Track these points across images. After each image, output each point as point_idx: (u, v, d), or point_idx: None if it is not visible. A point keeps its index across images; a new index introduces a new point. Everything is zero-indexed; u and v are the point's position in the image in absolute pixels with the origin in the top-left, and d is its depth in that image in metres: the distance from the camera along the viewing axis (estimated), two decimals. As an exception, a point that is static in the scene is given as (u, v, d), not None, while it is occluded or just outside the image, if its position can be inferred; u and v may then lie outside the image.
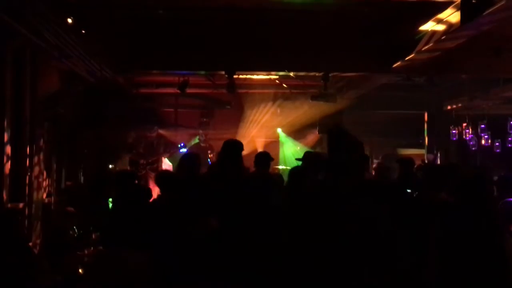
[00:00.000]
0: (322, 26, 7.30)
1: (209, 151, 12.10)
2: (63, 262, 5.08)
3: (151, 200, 5.78)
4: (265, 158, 6.65)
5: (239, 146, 5.59)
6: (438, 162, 11.83)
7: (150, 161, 10.91)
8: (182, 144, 13.24)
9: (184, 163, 6.25)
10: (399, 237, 3.04)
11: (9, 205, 5.75)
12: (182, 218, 4.22)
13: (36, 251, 4.98)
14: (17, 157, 6.27)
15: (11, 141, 6.00)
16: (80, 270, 4.97)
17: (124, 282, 4.40)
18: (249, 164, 6.26)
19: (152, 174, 10.10)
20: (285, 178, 5.58)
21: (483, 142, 12.04)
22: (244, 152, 5.20)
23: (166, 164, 11.40)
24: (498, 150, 12.08)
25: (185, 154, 6.80)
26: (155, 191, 5.89)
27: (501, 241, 3.69)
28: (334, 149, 3.22)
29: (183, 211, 4.24)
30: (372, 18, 7.11)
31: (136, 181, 5.72)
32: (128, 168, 10.54)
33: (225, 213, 4.91)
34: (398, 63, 8.24)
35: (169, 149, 12.53)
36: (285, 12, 7.12)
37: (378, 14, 7.06)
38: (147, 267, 4.35)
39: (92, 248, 5.70)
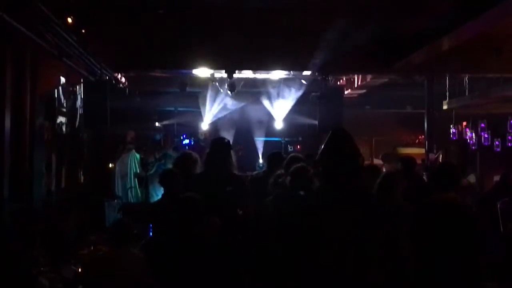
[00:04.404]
0: (322, 25, 7.30)
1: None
2: (63, 262, 5.09)
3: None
4: (272, 158, 6.65)
5: (226, 144, 5.60)
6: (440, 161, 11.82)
7: (157, 157, 10.90)
8: (184, 136, 13.25)
9: (179, 163, 6.29)
10: (402, 238, 3.03)
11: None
12: (186, 216, 4.21)
13: (36, 250, 4.98)
14: (17, 157, 6.27)
15: (11, 140, 6.00)
16: (79, 270, 4.96)
17: (123, 281, 4.40)
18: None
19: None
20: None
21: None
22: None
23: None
24: (498, 149, 12.10)
25: (180, 154, 6.83)
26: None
27: None
28: (334, 151, 3.19)
29: (187, 210, 4.24)
30: (372, 17, 7.11)
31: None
32: (139, 169, 10.53)
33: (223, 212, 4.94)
34: (398, 63, 8.25)
35: (173, 142, 12.54)
36: (285, 12, 7.12)
37: (378, 13, 7.06)
38: (147, 266, 4.36)
39: (92, 248, 5.70)
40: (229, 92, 10.19)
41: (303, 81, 10.91)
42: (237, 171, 6.08)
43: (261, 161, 13.21)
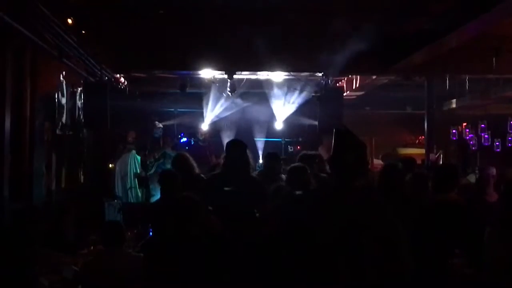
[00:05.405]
0: (322, 26, 7.31)
1: (208, 151, 12.09)
2: (63, 262, 5.08)
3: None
4: (268, 158, 6.66)
5: (242, 145, 5.60)
6: (441, 162, 11.81)
7: (156, 157, 10.91)
8: (181, 134, 13.26)
9: (176, 164, 6.31)
10: (404, 239, 3.03)
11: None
12: (183, 216, 4.22)
13: (36, 250, 4.98)
14: (17, 157, 6.28)
15: (11, 140, 6.00)
16: (79, 270, 4.96)
17: (119, 281, 4.41)
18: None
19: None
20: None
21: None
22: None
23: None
24: (498, 150, 12.09)
25: (176, 156, 6.85)
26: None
27: None
28: (340, 149, 3.19)
29: (184, 210, 4.24)
30: (372, 18, 7.11)
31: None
32: (140, 169, 10.53)
33: (227, 213, 4.94)
34: (398, 63, 8.25)
35: (171, 141, 12.54)
36: (286, 12, 7.13)
37: (378, 14, 7.07)
38: (146, 266, 4.36)
39: (92, 248, 5.69)
40: (229, 93, 10.20)
41: (303, 82, 10.91)
42: (254, 171, 6.10)
43: (261, 161, 13.21)
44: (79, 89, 8.60)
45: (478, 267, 4.16)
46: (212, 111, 12.91)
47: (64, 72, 7.78)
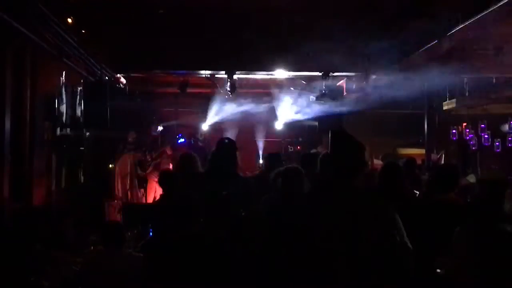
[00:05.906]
0: (322, 26, 7.31)
1: (207, 151, 12.10)
2: (63, 262, 5.09)
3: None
4: (269, 159, 6.66)
5: (231, 144, 5.60)
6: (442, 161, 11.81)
7: (154, 156, 10.93)
8: (180, 135, 13.28)
9: (182, 163, 6.30)
10: (404, 238, 3.02)
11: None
12: (183, 216, 4.22)
13: (36, 250, 4.99)
14: (17, 157, 6.28)
15: (12, 140, 6.00)
16: (79, 270, 4.97)
17: (118, 281, 4.41)
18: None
19: (156, 173, 10.00)
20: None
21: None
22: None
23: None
24: (498, 150, 12.08)
25: (182, 154, 6.84)
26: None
27: None
28: (337, 150, 3.19)
29: (184, 210, 4.25)
30: (372, 18, 7.12)
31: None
32: (139, 170, 10.55)
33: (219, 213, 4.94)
34: (398, 63, 8.25)
35: (170, 141, 12.55)
36: (286, 12, 7.13)
37: (378, 14, 7.07)
38: (144, 266, 4.37)
39: (92, 248, 5.70)
40: (229, 93, 10.20)
41: (303, 82, 10.91)
42: (241, 171, 6.08)
43: (261, 161, 13.22)
44: (79, 89, 8.60)
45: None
46: (212, 111, 12.91)
47: (64, 72, 7.78)
